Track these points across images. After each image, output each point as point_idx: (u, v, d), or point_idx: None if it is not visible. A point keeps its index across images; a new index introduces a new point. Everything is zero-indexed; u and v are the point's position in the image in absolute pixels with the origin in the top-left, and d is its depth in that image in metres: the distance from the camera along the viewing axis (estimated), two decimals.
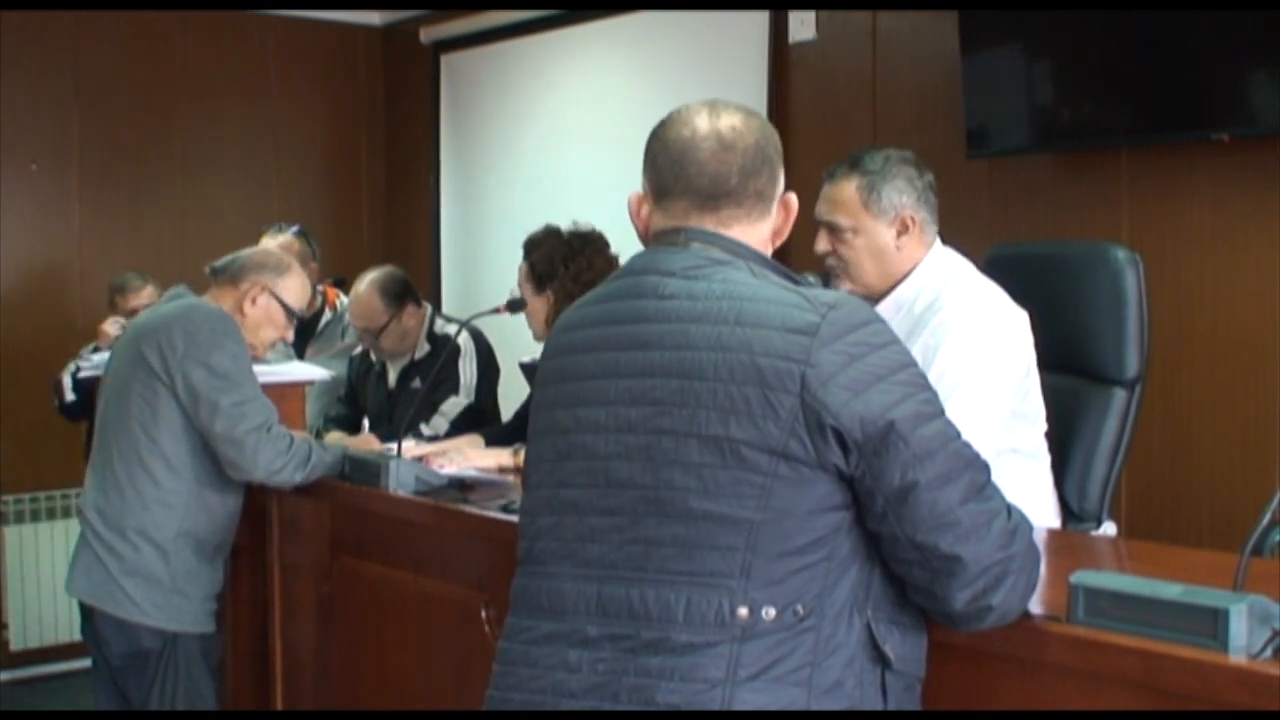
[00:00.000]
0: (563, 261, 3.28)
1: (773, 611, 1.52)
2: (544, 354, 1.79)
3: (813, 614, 1.54)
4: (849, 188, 2.54)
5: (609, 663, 1.56)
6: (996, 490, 1.60)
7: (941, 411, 1.59)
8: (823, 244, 2.57)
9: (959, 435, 1.59)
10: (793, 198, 1.75)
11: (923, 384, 1.59)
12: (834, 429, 1.52)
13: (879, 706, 1.59)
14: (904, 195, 2.53)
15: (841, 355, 1.53)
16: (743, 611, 1.52)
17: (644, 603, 1.55)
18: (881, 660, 1.59)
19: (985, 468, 1.61)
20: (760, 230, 1.71)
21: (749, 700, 1.50)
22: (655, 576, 1.55)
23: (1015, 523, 1.59)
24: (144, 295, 4.59)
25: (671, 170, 1.69)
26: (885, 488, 1.53)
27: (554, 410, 1.69)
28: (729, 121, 1.69)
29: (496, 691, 1.68)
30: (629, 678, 1.54)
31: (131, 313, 4.56)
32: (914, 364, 1.60)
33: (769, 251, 1.73)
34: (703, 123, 1.69)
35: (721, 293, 1.60)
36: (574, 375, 1.68)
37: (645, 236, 1.75)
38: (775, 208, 1.73)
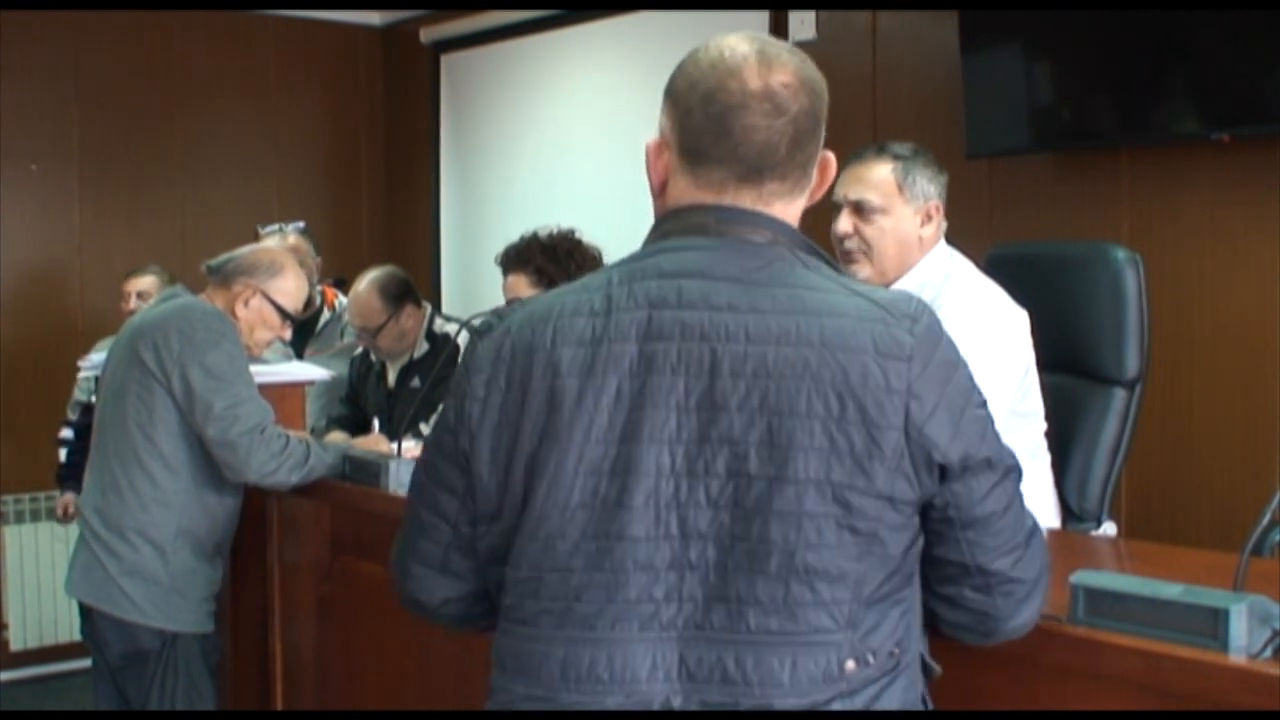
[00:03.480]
0: (569, 255, 3.32)
1: (874, 659, 1.40)
2: (541, 371, 1.43)
3: (905, 650, 1.45)
4: (883, 169, 2.54)
5: None
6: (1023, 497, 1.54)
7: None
8: (845, 224, 2.55)
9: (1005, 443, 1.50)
10: (830, 156, 1.53)
11: (982, 397, 1.47)
12: (941, 465, 1.40)
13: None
14: (932, 185, 2.55)
15: (937, 381, 1.39)
16: (850, 665, 1.38)
17: (741, 668, 1.36)
18: (926, 672, 1.53)
19: (1021, 475, 1.52)
20: (799, 204, 1.50)
21: None
22: (752, 638, 1.36)
23: (1037, 527, 1.54)
24: (142, 282, 4.61)
25: (711, 131, 1.44)
26: (966, 516, 1.43)
27: (586, 448, 1.40)
28: (781, 77, 1.43)
29: None
30: None
31: (127, 296, 4.58)
32: (967, 366, 1.46)
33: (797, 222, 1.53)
34: (752, 77, 1.43)
35: (790, 304, 1.39)
36: (608, 405, 1.40)
37: (659, 191, 1.54)
38: (815, 171, 1.51)
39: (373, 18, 6.26)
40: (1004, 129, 3.85)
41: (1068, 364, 2.78)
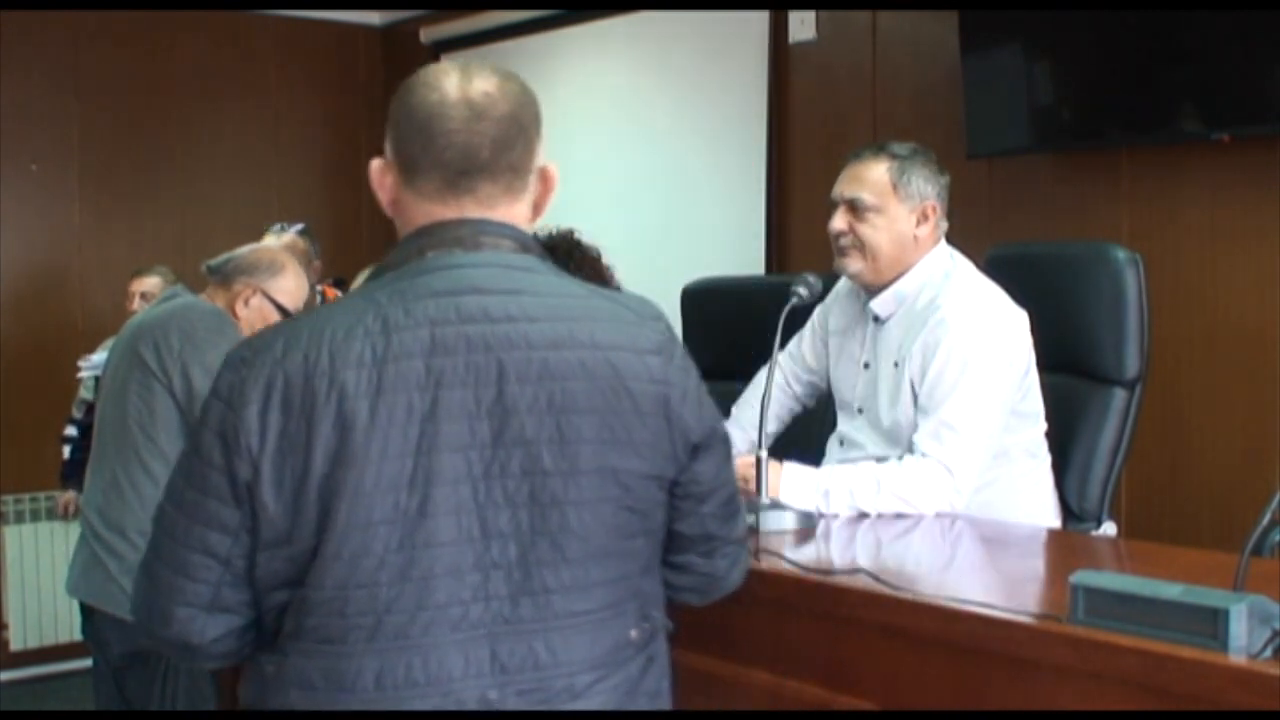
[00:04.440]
0: (568, 255, 3.32)
1: (648, 623, 1.58)
2: (326, 395, 1.44)
3: (660, 611, 1.62)
4: (879, 168, 2.55)
5: None
6: None
7: None
8: (840, 222, 2.57)
9: None
10: (552, 168, 1.61)
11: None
12: (696, 445, 1.57)
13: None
14: (929, 185, 2.55)
15: (683, 370, 1.57)
16: (634, 633, 1.55)
17: (551, 652, 1.48)
18: (666, 629, 1.65)
19: (729, 442, 1.69)
20: (522, 209, 1.58)
21: (649, 703, 1.59)
22: (559, 623, 1.49)
23: (736, 490, 1.71)
24: (147, 282, 4.63)
25: (418, 141, 1.53)
26: (706, 490, 1.60)
27: (384, 464, 1.43)
28: (481, 87, 1.53)
29: None
30: None
31: (133, 297, 4.60)
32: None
33: (531, 230, 1.62)
34: (452, 88, 1.53)
35: (560, 311, 1.51)
36: (403, 421, 1.44)
37: (390, 209, 1.60)
38: (533, 180, 1.59)
39: (373, 18, 6.26)
40: (1004, 129, 3.86)
41: (1068, 364, 2.78)
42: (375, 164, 1.59)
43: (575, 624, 1.49)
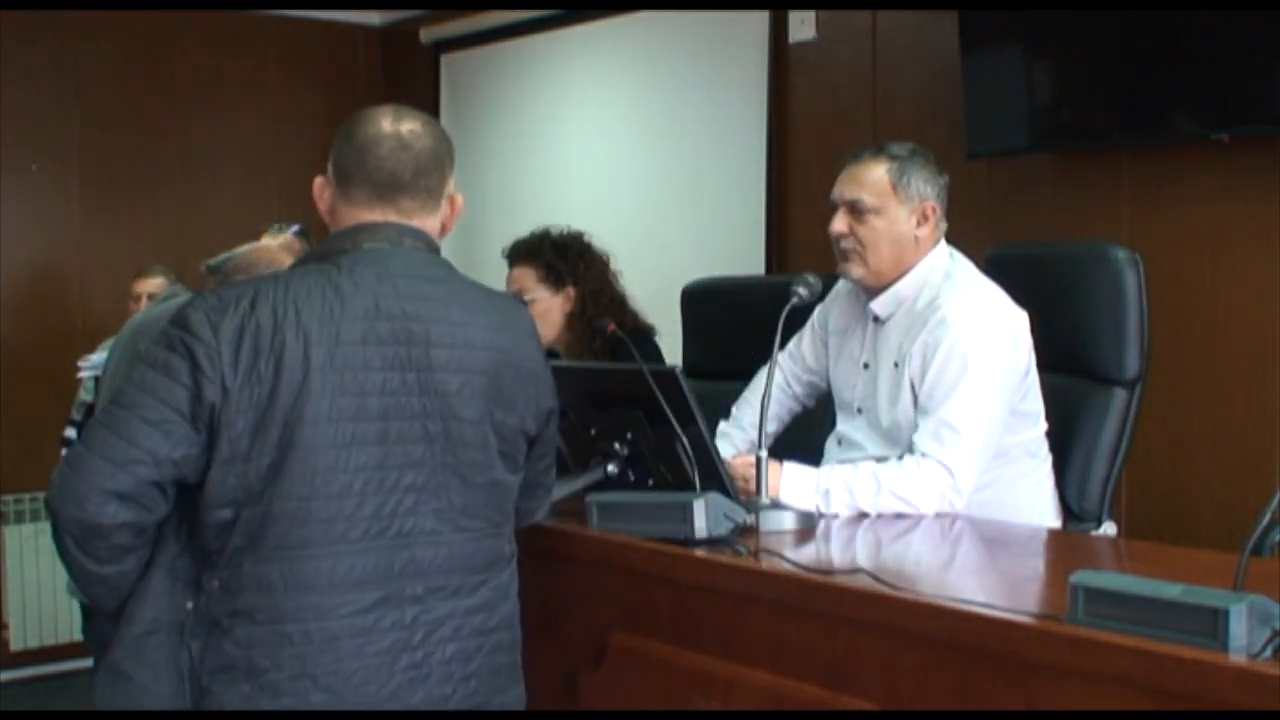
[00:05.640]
0: (579, 256, 3.34)
1: (513, 542, 2.02)
2: (293, 339, 1.79)
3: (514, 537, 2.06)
4: (878, 169, 2.55)
5: (436, 611, 1.87)
6: None
7: None
8: (840, 224, 2.57)
9: None
10: (458, 197, 2.03)
11: None
12: (549, 413, 2.04)
13: None
14: (929, 186, 2.55)
15: (542, 353, 2.05)
16: (507, 547, 2.00)
17: (453, 557, 1.89)
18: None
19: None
20: (433, 224, 1.99)
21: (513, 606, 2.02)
22: (462, 536, 1.90)
23: None
24: (151, 283, 4.64)
25: (353, 161, 1.93)
26: (545, 449, 2.07)
27: (337, 399, 1.80)
28: (409, 126, 1.95)
29: (331, 678, 1.80)
30: (453, 620, 1.89)
31: (138, 297, 4.61)
32: None
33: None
34: (386, 123, 1.95)
35: (466, 299, 1.94)
36: (354, 366, 1.82)
37: (326, 215, 1.98)
38: (444, 204, 2.01)
39: (373, 18, 6.26)
40: (1004, 129, 3.86)
41: (1068, 364, 2.78)
42: (318, 180, 1.98)
43: (470, 537, 1.91)
